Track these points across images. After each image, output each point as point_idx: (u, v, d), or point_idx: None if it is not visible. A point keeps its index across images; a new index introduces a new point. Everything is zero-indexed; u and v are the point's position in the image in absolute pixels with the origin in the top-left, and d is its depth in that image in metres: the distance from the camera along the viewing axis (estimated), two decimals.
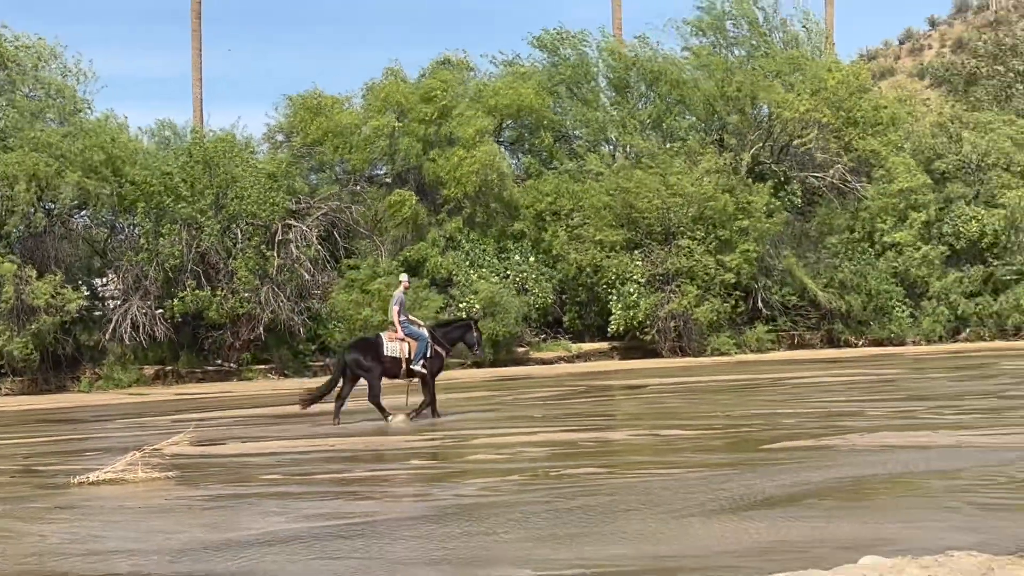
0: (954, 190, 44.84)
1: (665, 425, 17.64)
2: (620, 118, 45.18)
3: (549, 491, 11.25)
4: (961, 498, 9.88)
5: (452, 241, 40.54)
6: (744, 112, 43.96)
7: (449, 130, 40.87)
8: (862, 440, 14.21)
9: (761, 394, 22.62)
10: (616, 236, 40.18)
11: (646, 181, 40.41)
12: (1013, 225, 44.15)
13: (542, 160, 44.83)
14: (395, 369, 19.63)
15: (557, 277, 40.59)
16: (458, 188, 39.97)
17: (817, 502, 10.02)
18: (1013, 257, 44.29)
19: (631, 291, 39.30)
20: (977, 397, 20.52)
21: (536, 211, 41.65)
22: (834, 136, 43.53)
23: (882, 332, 42.29)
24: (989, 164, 45.38)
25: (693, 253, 39.43)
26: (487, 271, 39.23)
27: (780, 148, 44.42)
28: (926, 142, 46.07)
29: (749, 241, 40.27)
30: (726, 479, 11.40)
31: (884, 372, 28.84)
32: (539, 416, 20.09)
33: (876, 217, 43.49)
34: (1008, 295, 43.61)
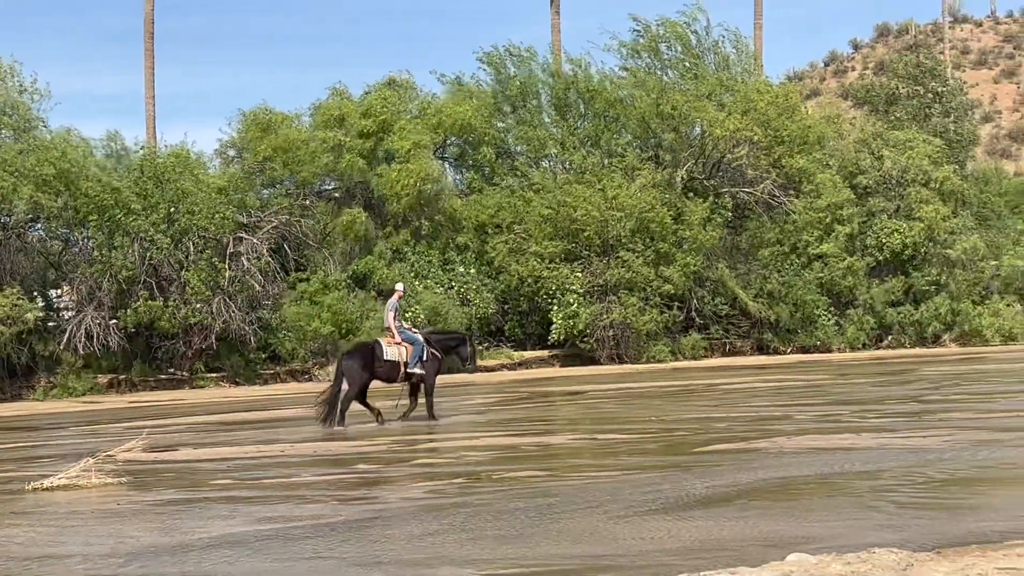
0: (876, 204, 45.45)
1: (603, 429, 17.70)
2: (561, 135, 45.36)
3: (492, 494, 11.25)
4: (883, 497, 10.00)
5: (398, 253, 40.48)
6: (678, 130, 44.29)
7: (388, 145, 40.86)
8: (789, 443, 14.34)
9: (694, 399, 22.77)
10: (556, 248, 40.29)
11: (585, 195, 40.56)
12: (931, 238, 44.80)
13: (485, 175, 44.90)
14: (393, 373, 19.72)
15: (499, 288, 40.62)
16: (399, 203, 39.95)
17: (747, 502, 10.10)
18: (931, 269, 44.91)
19: (571, 301, 39.42)
20: (898, 401, 20.78)
21: (479, 224, 41.70)
22: (763, 153, 43.94)
23: (809, 340, 42.73)
24: (909, 180, 46.05)
25: (632, 265, 39.62)
26: (432, 282, 39.21)
27: (712, 165, 44.78)
28: (850, 158, 46.70)
29: (688, 253, 40.56)
30: (661, 481, 11.46)
31: (811, 378, 29.12)
32: (482, 421, 20.06)
33: (803, 230, 43.95)
34: (928, 305, 44.21)
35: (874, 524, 8.87)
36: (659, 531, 8.93)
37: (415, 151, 40.32)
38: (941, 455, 12.53)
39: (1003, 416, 17.04)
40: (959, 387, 23.99)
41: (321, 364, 37.85)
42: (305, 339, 36.97)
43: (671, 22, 46.01)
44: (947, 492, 10.32)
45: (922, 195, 45.36)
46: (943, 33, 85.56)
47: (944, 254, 44.74)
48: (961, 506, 9.66)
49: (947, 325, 44.16)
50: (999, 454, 12.48)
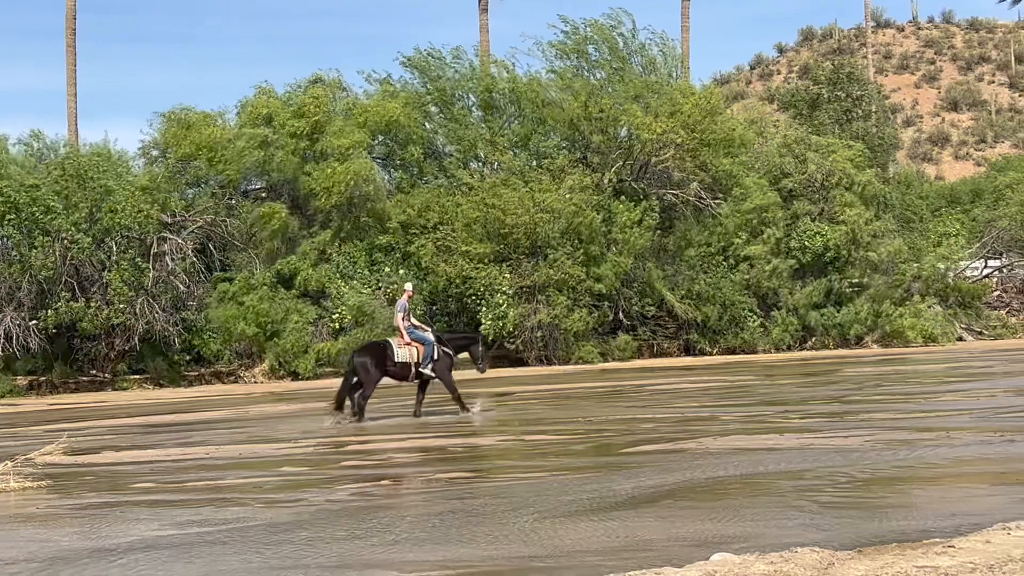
0: (800, 207, 45.94)
1: (531, 431, 17.75)
2: (489, 136, 45.40)
3: (419, 495, 11.24)
4: (806, 497, 10.13)
5: (324, 254, 40.26)
6: (606, 132, 44.49)
7: (323, 145, 40.63)
8: (715, 443, 14.48)
9: (622, 400, 22.91)
10: (485, 249, 40.31)
11: (514, 198, 40.62)
12: (853, 240, 45.39)
13: (412, 175, 44.85)
14: (405, 373, 20.02)
15: (427, 289, 40.54)
16: (329, 199, 39.74)
17: (673, 502, 10.18)
18: (853, 271, 45.54)
19: (500, 302, 39.46)
20: (822, 402, 21.07)
21: (405, 223, 41.62)
22: (689, 156, 44.27)
23: (735, 341, 43.15)
24: (832, 183, 46.63)
25: (562, 265, 39.74)
26: (358, 283, 39.04)
27: (640, 167, 45.07)
28: (774, 161, 47.19)
29: (620, 254, 40.78)
30: (588, 482, 11.52)
31: (736, 379, 29.43)
32: (412, 423, 20.04)
33: (732, 233, 44.37)
34: (850, 307, 44.80)
35: (797, 524, 8.98)
36: (586, 531, 8.97)
37: (352, 150, 40.20)
38: (863, 455, 12.72)
39: (923, 416, 17.35)
40: (880, 388, 24.38)
41: (246, 366, 37.57)
42: (230, 340, 36.66)
43: (598, 24, 46.26)
44: (868, 491, 10.49)
45: (845, 198, 45.96)
46: (866, 38, 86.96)
47: (866, 257, 45.39)
48: (882, 505, 9.82)
49: (869, 327, 44.80)
50: (919, 453, 12.70)
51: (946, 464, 11.95)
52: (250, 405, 27.15)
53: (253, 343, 37.04)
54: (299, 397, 30.07)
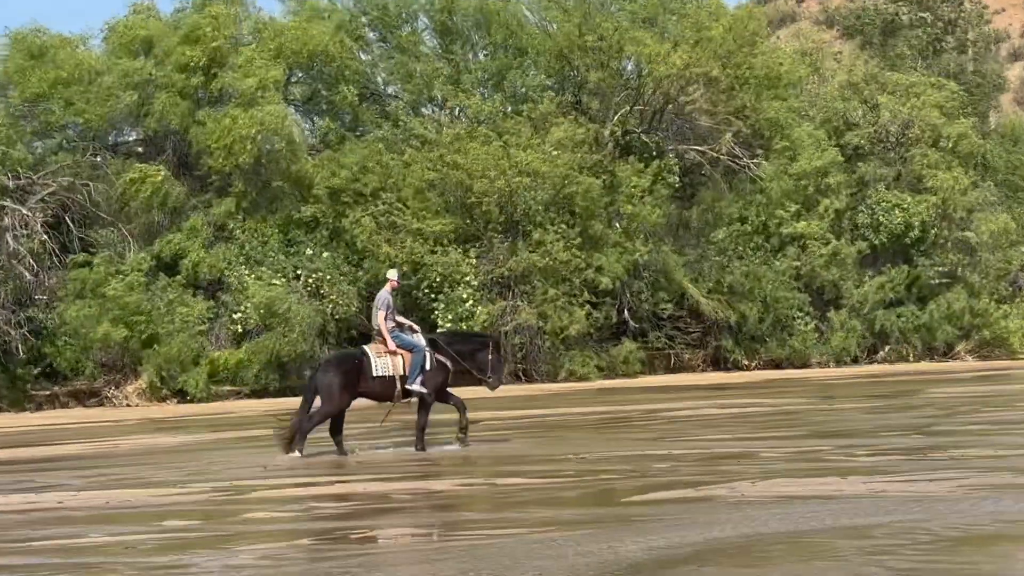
0: (870, 170, 46.03)
1: (504, 472, 17.72)
2: (449, 72, 45.34)
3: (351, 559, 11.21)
4: (876, 562, 10.16)
5: (222, 231, 40.12)
6: (607, 67, 44.51)
7: (223, 83, 40.46)
8: (753, 489, 14.50)
9: (628, 431, 22.92)
10: (444, 225, 40.27)
11: (484, 155, 40.59)
12: (944, 215, 45.44)
13: (344, 124, 44.73)
14: (388, 390, 20.21)
15: (364, 278, 40.49)
16: (229, 159, 39.57)
17: (696, 569, 10.19)
18: (944, 256, 45.57)
19: (463, 297, 39.45)
20: (898, 433, 21.12)
21: (335, 191, 41.52)
22: (722, 98, 44.31)
23: (781, 351, 43.34)
24: (912, 139, 46.71)
25: (551, 249, 39.72)
26: (268, 270, 38.93)
27: (653, 114, 45.13)
28: (835, 108, 47.25)
29: (627, 234, 40.75)
30: (581, 541, 11.51)
31: (783, 402, 29.48)
32: (341, 460, 19.98)
33: (775, 203, 44.40)
34: (938, 304, 44.86)
35: None
36: None
37: (263, 93, 40.02)
38: (952, 505, 12.77)
39: None
40: (977, 415, 24.47)
41: (116, 382, 37.43)
42: (91, 348, 36.51)
43: None
44: (959, 555, 10.52)
45: (931, 158, 46.12)
46: None
47: (962, 237, 45.58)
48: (978, 574, 9.85)
49: (963, 331, 45.02)
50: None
51: None
52: (121, 436, 27.02)
53: (124, 351, 36.90)
54: (188, 425, 29.95)
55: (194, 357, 37.23)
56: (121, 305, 36.54)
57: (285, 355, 37.62)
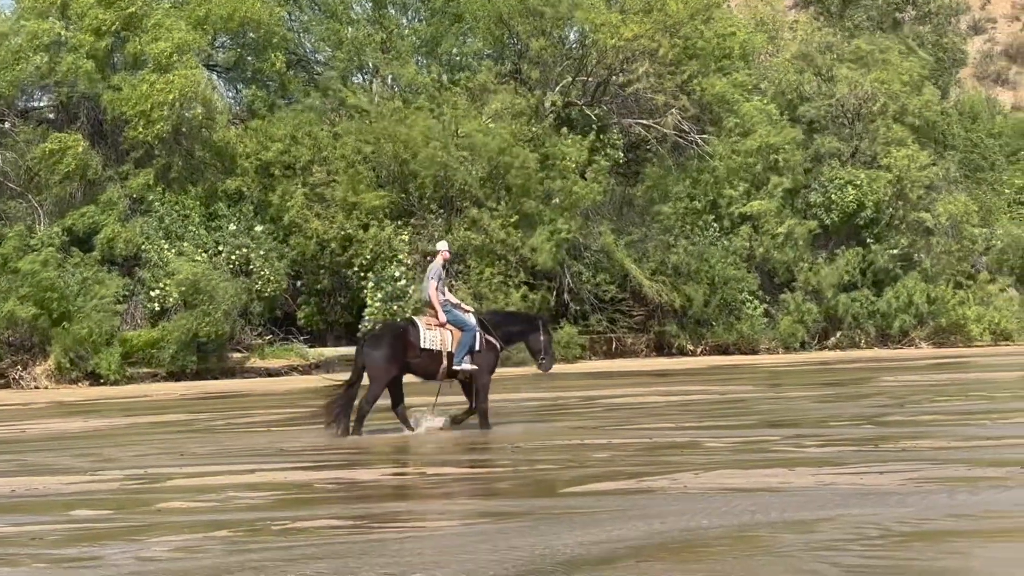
0: (825, 145, 46.10)
1: (434, 461, 17.70)
2: (382, 39, 45.22)
3: (271, 552, 11.17)
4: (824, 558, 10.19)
5: (140, 203, 39.88)
6: (550, 36, 44.46)
7: (138, 47, 40.16)
8: (697, 481, 14.55)
9: (565, 419, 22.94)
10: (376, 200, 40.17)
11: (418, 126, 40.49)
12: (901, 195, 45.61)
13: (271, 93, 44.54)
14: (433, 366, 20.52)
15: (291, 255, 40.36)
16: (148, 128, 39.30)
17: (636, 564, 10.20)
18: (900, 238, 45.78)
19: (396, 276, 39.39)
20: (849, 423, 21.26)
21: (262, 164, 41.35)
22: (668, 72, 44.35)
23: (729, 335, 43.48)
24: (873, 112, 46.79)
25: (487, 227, 39.67)
26: (190, 246, 38.74)
27: (597, 86, 45.14)
28: (788, 80, 47.28)
29: (566, 211, 40.74)
30: (515, 534, 11.51)
31: (729, 390, 29.61)
32: (259, 448, 19.92)
33: (724, 181, 44.48)
34: (894, 289, 45.06)
35: None
36: None
37: (179, 57, 39.74)
38: (904, 499, 12.84)
39: (989, 445, 17.56)
40: (931, 404, 24.65)
41: (23, 363, 37.14)
42: None
43: None
44: (911, 551, 10.58)
45: (893, 134, 46.16)
46: None
47: (918, 218, 45.81)
48: (930, 570, 9.91)
49: (918, 317, 45.29)
50: (982, 498, 12.85)
51: (1019, 512, 12.10)
52: (29, 420, 26.84)
53: (32, 330, 36.62)
54: (100, 409, 29.78)
55: (107, 338, 36.97)
56: (33, 282, 36.22)
57: (204, 335, 37.42)
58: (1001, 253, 48.66)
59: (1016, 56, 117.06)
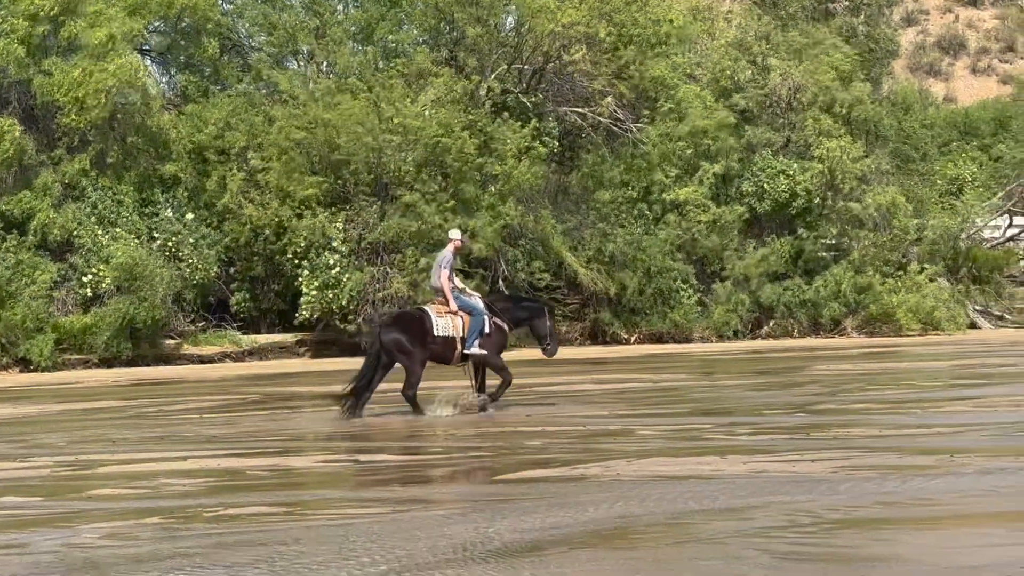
0: (757, 135, 46.23)
1: (368, 448, 17.69)
2: (317, 24, 45.02)
3: (203, 539, 11.13)
4: (755, 545, 10.25)
5: (73, 189, 39.59)
6: (486, 23, 44.30)
7: (72, 32, 39.79)
8: (630, 468, 14.59)
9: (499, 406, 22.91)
10: (310, 187, 39.97)
11: (353, 111, 40.30)
12: (831, 185, 45.84)
13: (205, 78, 44.27)
14: (448, 352, 20.96)
15: (224, 242, 40.14)
16: (82, 115, 38.99)
17: (569, 552, 10.22)
18: (830, 228, 46.01)
19: (330, 264, 39.24)
20: (780, 412, 21.36)
21: (195, 149, 41.10)
22: (606, 59, 44.28)
23: (662, 324, 43.45)
24: (804, 103, 47.01)
25: (422, 213, 39.51)
26: (124, 231, 38.47)
27: (533, 73, 45.05)
28: (722, 67, 47.31)
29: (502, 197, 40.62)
30: (449, 522, 11.52)
31: (662, 378, 29.69)
32: (192, 435, 19.84)
33: (656, 167, 44.45)
34: (824, 279, 45.26)
35: None
36: None
37: (114, 44, 39.40)
38: (835, 487, 12.93)
39: (918, 433, 17.71)
40: (862, 393, 24.81)
41: None
42: None
43: None
44: (842, 538, 10.65)
45: (823, 125, 46.37)
46: None
47: (849, 208, 46.00)
48: (859, 557, 9.98)
49: (850, 307, 45.50)
50: (912, 485, 12.95)
51: (949, 500, 12.20)
52: None
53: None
54: (31, 395, 29.58)
55: (39, 324, 36.65)
56: None
57: (141, 321, 37.17)
58: (932, 244, 48.91)
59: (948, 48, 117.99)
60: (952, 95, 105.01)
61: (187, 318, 39.58)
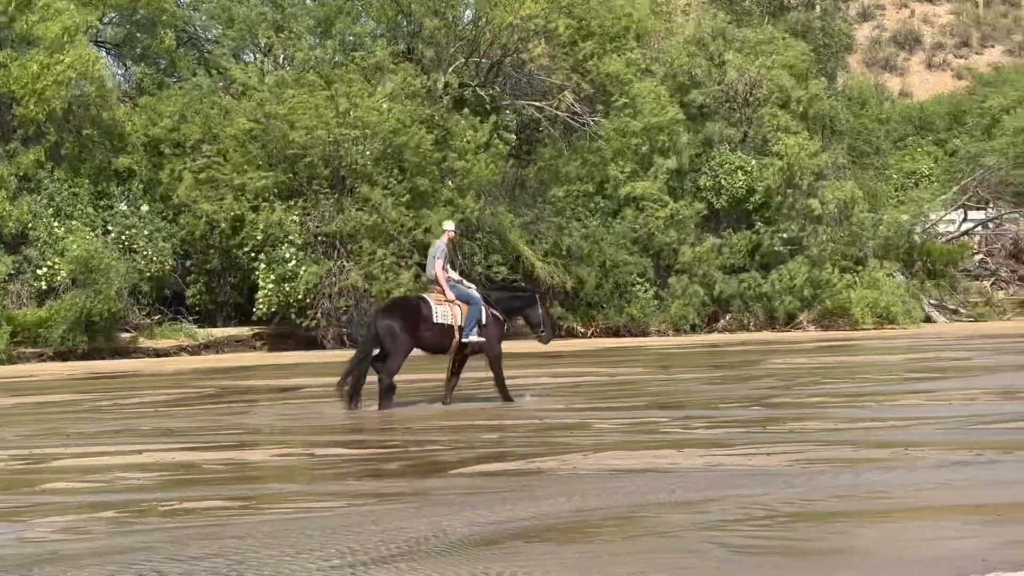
0: (715, 131, 46.37)
1: (324, 442, 17.66)
2: (275, 17, 44.90)
3: (158, 533, 11.08)
4: (711, 538, 10.26)
5: (28, 181, 39.38)
6: (444, 15, 44.27)
7: (27, 25, 39.56)
8: (586, 462, 14.59)
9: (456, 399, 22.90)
10: (267, 180, 39.87)
11: (310, 105, 40.21)
12: (789, 181, 46.00)
13: (161, 70, 44.10)
14: (446, 341, 20.95)
15: (180, 235, 40.02)
16: (39, 106, 38.79)
17: (524, 545, 10.21)
18: (787, 223, 46.18)
19: (287, 257, 39.14)
20: (736, 405, 21.42)
21: (151, 141, 40.94)
22: (564, 53, 44.33)
23: (619, 318, 43.56)
24: (760, 99, 47.16)
25: (379, 206, 39.47)
26: (79, 224, 38.31)
27: (491, 67, 45.03)
28: (680, 63, 47.41)
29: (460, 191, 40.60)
30: (404, 515, 11.49)
31: (619, 372, 29.73)
32: (147, 429, 19.76)
33: (611, 162, 44.52)
34: (781, 272, 45.43)
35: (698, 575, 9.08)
36: None
37: (69, 37, 39.21)
38: (790, 480, 12.96)
39: (873, 427, 17.78)
40: (817, 386, 24.89)
41: None
42: None
43: None
44: (797, 531, 10.67)
45: (780, 121, 46.55)
46: None
47: (807, 204, 46.17)
48: (815, 550, 10.00)
49: (805, 300, 45.67)
50: (867, 478, 12.99)
51: (903, 493, 12.24)
52: None
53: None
54: None
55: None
56: None
57: (96, 314, 37.01)
58: (887, 239, 49.13)
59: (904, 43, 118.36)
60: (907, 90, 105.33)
61: (143, 311, 39.44)
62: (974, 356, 32.50)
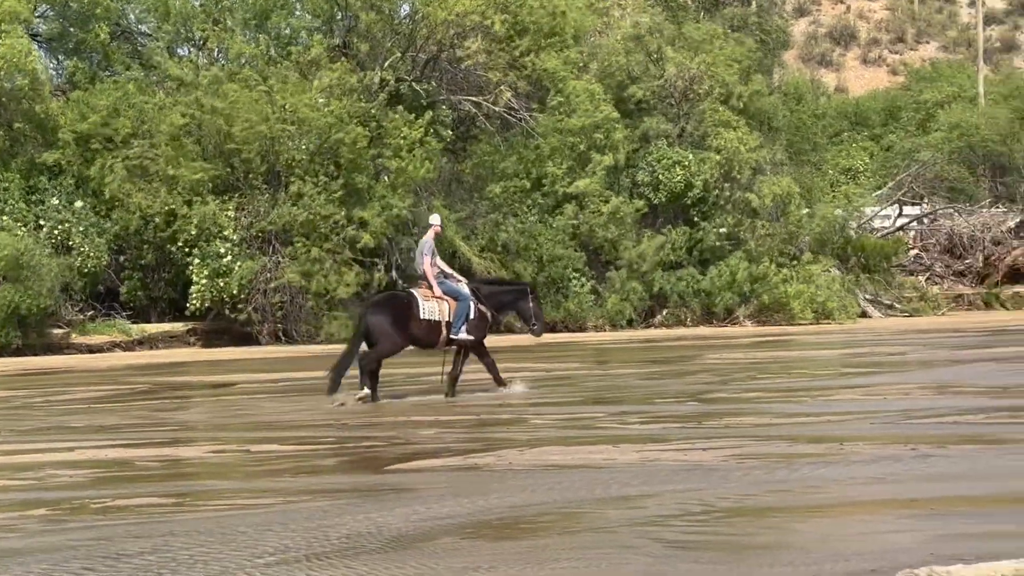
0: (653, 126, 46.54)
1: (258, 438, 17.59)
2: (209, 10, 44.75)
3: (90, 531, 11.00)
4: (647, 534, 10.28)
5: None
6: (380, 11, 44.23)
7: None
8: (522, 458, 14.60)
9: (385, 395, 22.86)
10: (201, 175, 39.71)
11: (245, 100, 40.11)
12: (728, 176, 46.20)
13: (94, 64, 43.86)
14: (433, 337, 20.98)
15: (113, 230, 39.80)
16: None
17: (459, 542, 10.21)
18: (726, 218, 46.38)
19: (221, 252, 39.01)
20: (673, 400, 21.48)
21: (83, 136, 40.70)
22: (500, 49, 44.37)
23: (556, 313, 43.63)
24: (700, 94, 47.33)
25: (312, 202, 39.40)
26: (9, 219, 38.07)
27: (426, 63, 45.00)
28: (617, 61, 47.60)
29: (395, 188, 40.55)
30: (340, 512, 11.47)
31: (555, 367, 29.77)
32: (80, 425, 19.62)
33: (548, 159, 44.63)
34: (719, 268, 45.64)
35: (633, 571, 9.10)
36: None
37: (4, 28, 38.98)
38: (726, 475, 13.01)
39: (809, 422, 17.87)
40: (753, 381, 25.02)
41: None
42: None
43: None
44: (732, 526, 10.71)
45: (721, 116, 46.73)
46: None
47: (744, 198, 46.37)
48: (750, 545, 10.04)
49: (742, 296, 45.88)
50: (802, 473, 13.05)
51: (838, 488, 12.30)
52: None
53: None
54: None
55: None
56: None
57: (26, 310, 36.77)
58: (822, 234, 49.44)
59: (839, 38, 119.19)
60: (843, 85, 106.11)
61: (76, 307, 39.22)
62: (909, 351, 32.72)
